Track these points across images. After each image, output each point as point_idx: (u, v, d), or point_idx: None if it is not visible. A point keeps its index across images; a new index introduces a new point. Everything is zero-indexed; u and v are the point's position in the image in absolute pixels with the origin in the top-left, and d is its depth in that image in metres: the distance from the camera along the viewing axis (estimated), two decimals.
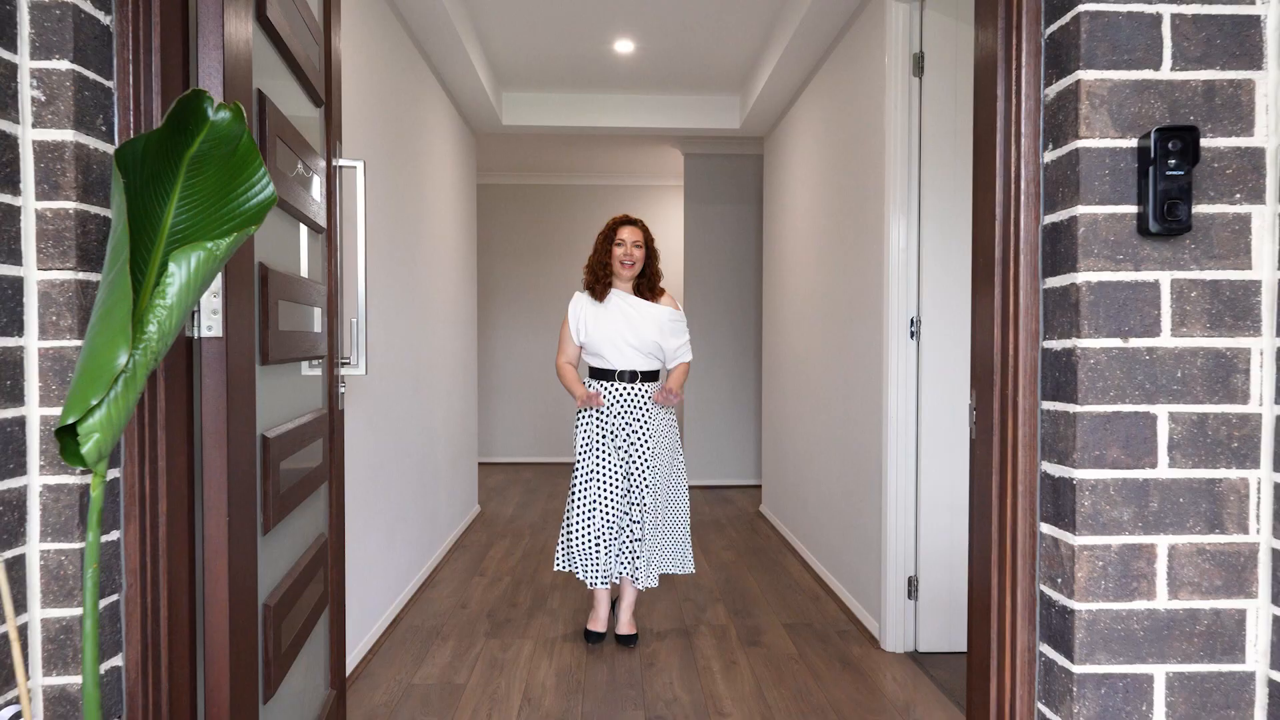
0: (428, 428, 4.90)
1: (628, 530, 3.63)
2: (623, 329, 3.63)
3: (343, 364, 2.74)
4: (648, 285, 3.73)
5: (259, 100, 1.74)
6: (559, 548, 3.71)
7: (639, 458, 3.61)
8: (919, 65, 3.45)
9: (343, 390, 2.75)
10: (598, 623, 3.74)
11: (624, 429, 3.62)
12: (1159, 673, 1.34)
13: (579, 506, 3.62)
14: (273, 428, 1.90)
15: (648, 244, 3.71)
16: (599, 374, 3.68)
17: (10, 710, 1.18)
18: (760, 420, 6.87)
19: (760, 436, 6.96)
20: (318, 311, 2.37)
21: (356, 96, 3.49)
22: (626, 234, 3.68)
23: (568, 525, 3.67)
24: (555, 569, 3.71)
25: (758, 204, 7.28)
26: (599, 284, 3.69)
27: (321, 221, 2.31)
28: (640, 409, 3.64)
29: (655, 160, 8.07)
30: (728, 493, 7.27)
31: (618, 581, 3.72)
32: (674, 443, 3.76)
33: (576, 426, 3.70)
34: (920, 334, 3.51)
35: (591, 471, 3.62)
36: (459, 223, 6.04)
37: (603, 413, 3.62)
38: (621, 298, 3.69)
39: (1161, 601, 1.34)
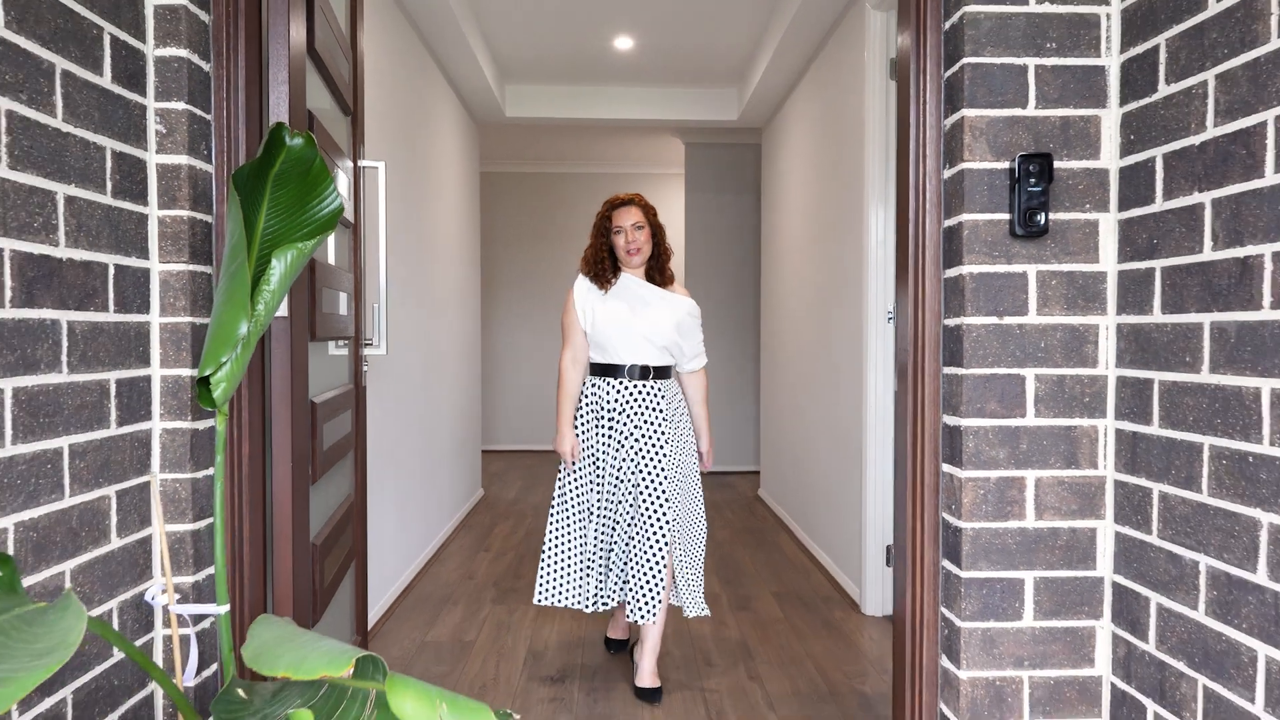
0: (435, 410, 5.38)
1: (640, 556, 3.15)
2: (633, 320, 3.24)
3: (366, 345, 3.22)
4: (659, 270, 3.36)
5: (310, 120, 2.21)
6: (540, 575, 3.30)
7: (653, 470, 3.16)
8: (895, 69, 3.91)
9: (366, 369, 3.23)
10: (618, 628, 3.55)
11: (633, 436, 3.20)
12: (1028, 577, 1.81)
13: (563, 524, 3.27)
14: (318, 395, 2.38)
15: (651, 222, 3.33)
16: (603, 370, 3.27)
17: (158, 587, 1.66)
18: (760, 407, 7.33)
19: (760, 423, 7.42)
20: (344, 296, 2.84)
21: (370, 93, 3.95)
22: (624, 217, 3.29)
23: (547, 545, 3.30)
24: (536, 601, 3.28)
25: (757, 194, 7.73)
26: (600, 278, 3.30)
27: (349, 216, 2.78)
28: (653, 410, 3.22)
29: (656, 149, 8.52)
30: (728, 478, 7.75)
31: (621, 601, 3.32)
32: (691, 455, 3.34)
33: (577, 425, 3.30)
34: (896, 321, 3.99)
35: (586, 484, 3.25)
36: (463, 212, 6.51)
37: (607, 417, 3.23)
38: (632, 284, 3.30)
39: (1030, 521, 1.81)
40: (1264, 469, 1.38)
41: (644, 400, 3.23)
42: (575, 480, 3.27)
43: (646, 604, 3.10)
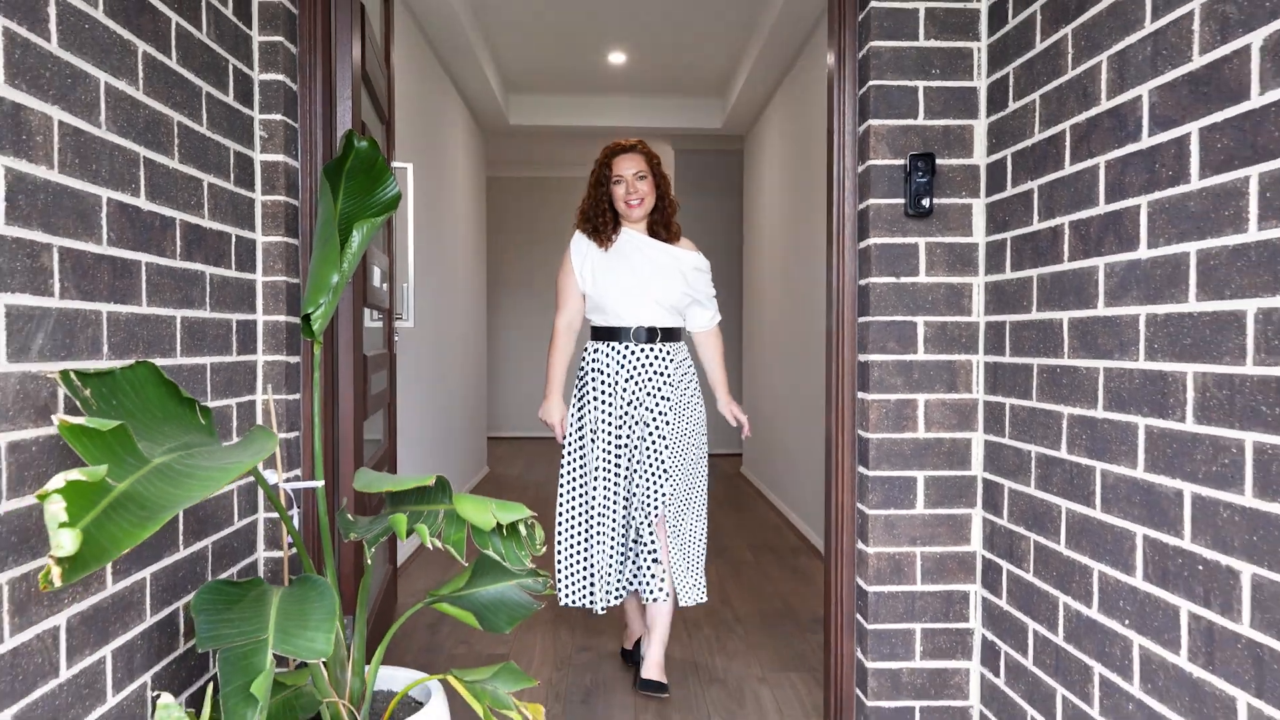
0: (447, 389, 5.94)
1: (639, 541, 2.99)
2: (636, 277, 2.99)
3: (396, 318, 3.78)
4: (663, 224, 3.09)
5: (362, 129, 2.76)
6: (560, 573, 3.02)
7: (656, 442, 2.95)
8: None
9: (397, 338, 3.78)
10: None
11: (638, 406, 2.97)
12: (920, 476, 2.36)
13: (576, 512, 3.02)
14: (366, 351, 2.93)
15: (654, 171, 3.06)
16: (605, 334, 3.03)
17: (272, 471, 2.20)
18: (743, 393, 7.89)
19: (743, 407, 7.98)
20: (378, 271, 3.39)
21: (395, 103, 4.51)
22: (625, 165, 3.01)
23: (562, 539, 3.03)
24: (563, 603, 3.02)
25: (740, 195, 8.30)
26: (599, 233, 3.04)
27: None
28: (660, 376, 2.98)
29: None
30: (713, 460, 8.30)
31: (632, 590, 3.07)
32: (699, 425, 3.08)
33: (576, 399, 3.08)
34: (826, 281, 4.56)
35: (593, 467, 2.98)
36: (472, 211, 7.08)
37: (610, 386, 2.98)
38: (634, 239, 3.05)
39: (920, 433, 2.36)
40: (1065, 376, 1.93)
41: (650, 365, 2.98)
42: (584, 465, 3.00)
43: (649, 582, 2.95)
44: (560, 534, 3.03)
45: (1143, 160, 1.65)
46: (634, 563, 3.01)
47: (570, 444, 3.06)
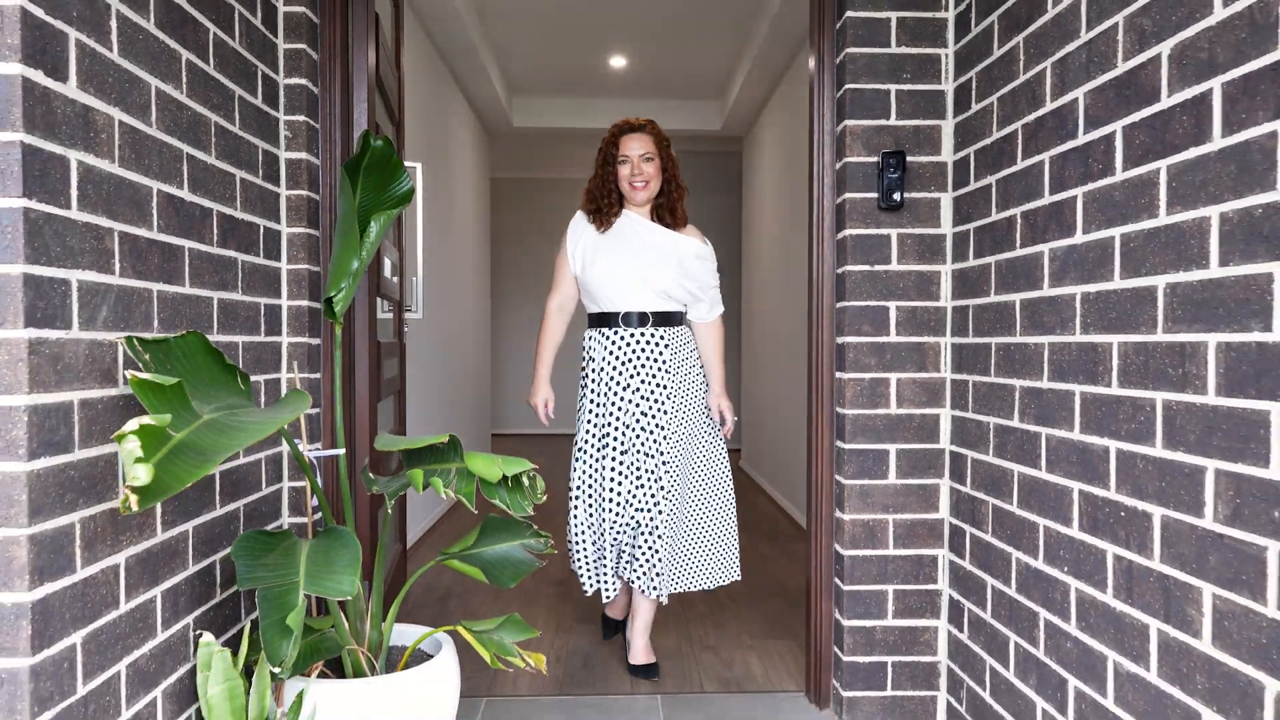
0: (453, 382, 6.15)
1: (640, 526, 2.89)
2: (631, 263, 2.94)
3: (406, 310, 3.98)
4: (669, 209, 3.02)
5: (376, 129, 2.96)
6: (572, 545, 3.04)
7: (655, 433, 2.89)
8: None
9: (406, 329, 3.99)
10: (615, 607, 3.27)
11: (634, 394, 2.92)
12: (892, 449, 2.56)
13: (581, 496, 3.01)
14: (379, 339, 3.13)
15: (663, 154, 2.99)
16: (599, 321, 3.01)
17: (307, 448, 2.40)
18: (741, 389, 8.08)
19: (741, 403, 8.16)
20: (389, 263, 3.59)
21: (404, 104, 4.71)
22: (632, 145, 2.95)
23: (574, 516, 3.02)
24: (574, 568, 3.04)
25: (739, 195, 8.50)
26: (600, 213, 2.99)
27: None
28: (655, 363, 2.92)
29: None
30: None
31: (624, 583, 3.11)
32: (701, 406, 3.04)
33: (581, 387, 3.08)
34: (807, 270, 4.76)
35: (595, 454, 2.98)
36: (475, 213, 7.29)
37: (604, 375, 2.96)
38: (634, 222, 2.99)
39: (892, 409, 2.56)
40: (1017, 352, 2.13)
41: (644, 350, 2.92)
42: (590, 453, 3.00)
43: (647, 577, 2.88)
44: (573, 515, 3.02)
45: (1079, 156, 1.85)
46: (629, 552, 2.93)
47: (578, 436, 3.04)
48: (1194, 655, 1.48)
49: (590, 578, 3.01)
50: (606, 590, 2.99)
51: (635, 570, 2.88)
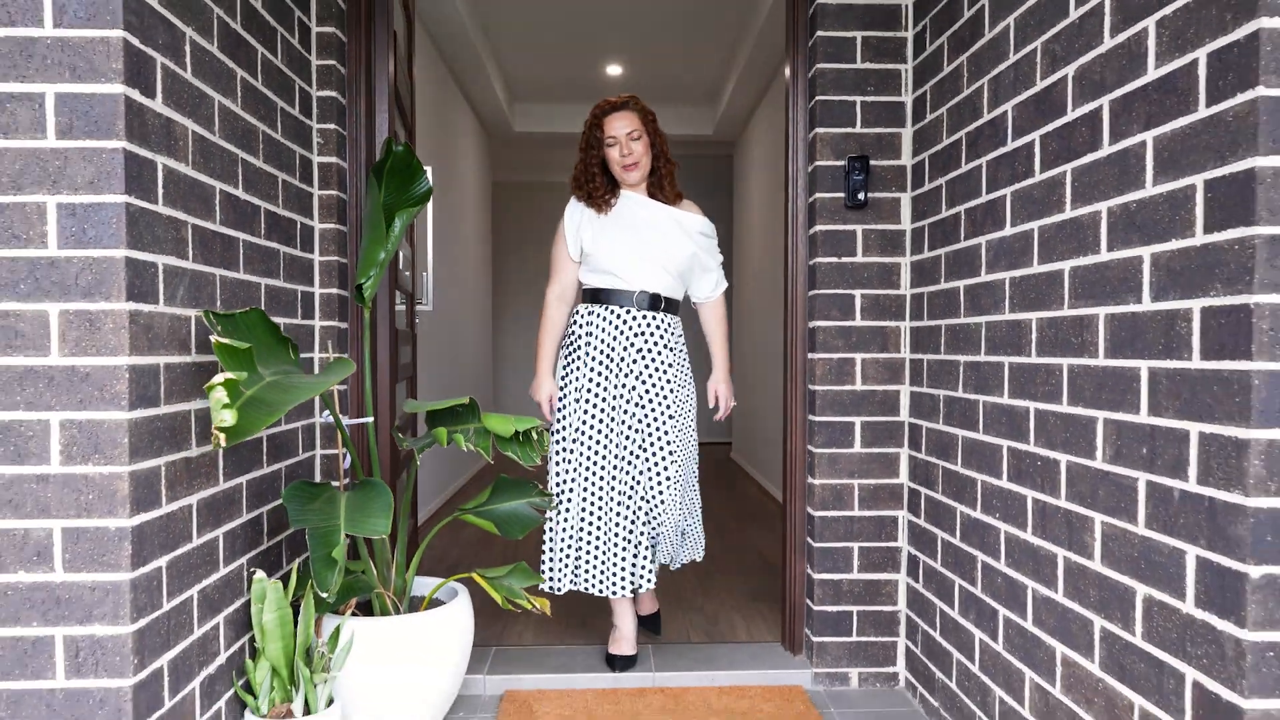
0: (458, 373, 6.45)
1: (646, 517, 2.84)
2: (640, 242, 2.82)
3: (417, 303, 4.28)
4: (659, 187, 2.92)
5: (395, 136, 3.26)
6: (546, 555, 2.88)
7: (659, 419, 2.82)
8: None
9: (417, 321, 4.28)
10: (622, 642, 2.93)
11: (637, 379, 2.82)
12: (857, 421, 2.87)
13: (579, 489, 2.82)
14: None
15: (649, 129, 2.88)
16: (603, 296, 2.85)
17: (328, 412, 2.70)
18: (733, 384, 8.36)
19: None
20: (401, 257, 3.87)
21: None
22: (616, 125, 2.84)
23: (564, 518, 2.84)
24: (547, 588, 2.86)
25: (730, 197, 8.81)
26: (594, 198, 2.89)
27: None
28: (663, 349, 2.85)
29: None
30: (703, 447, 8.81)
31: (648, 586, 2.89)
32: (693, 403, 2.98)
33: (563, 369, 2.91)
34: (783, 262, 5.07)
35: (592, 439, 2.81)
36: (478, 214, 7.59)
37: (606, 354, 2.82)
38: (634, 202, 2.88)
39: (858, 386, 2.86)
40: (962, 332, 2.43)
41: (651, 336, 2.82)
42: (578, 442, 2.83)
43: (645, 569, 2.87)
44: (556, 519, 2.86)
45: (1008, 160, 2.16)
46: (647, 551, 2.84)
47: (561, 421, 2.87)
48: (1088, 574, 1.79)
49: (609, 581, 2.81)
50: (646, 581, 2.84)
51: (639, 567, 2.86)
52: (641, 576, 2.85)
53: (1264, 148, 1.33)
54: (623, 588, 2.82)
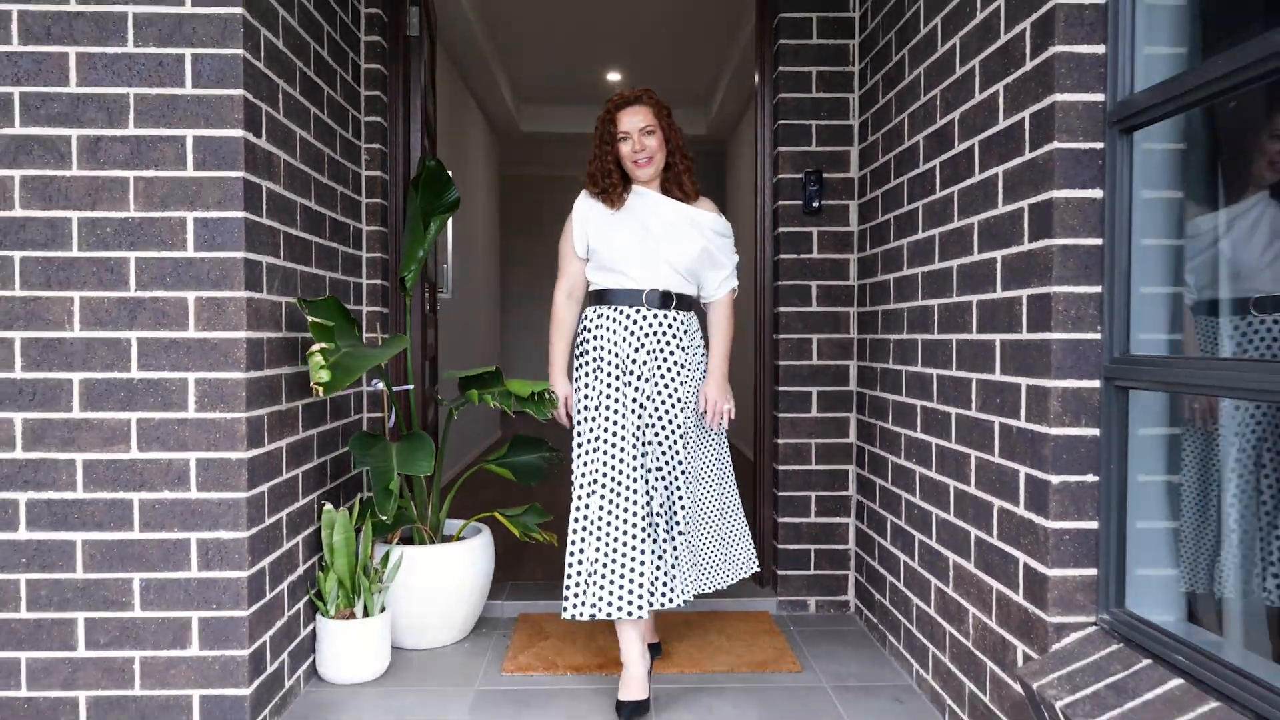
0: (469, 356, 7.04)
1: (666, 526, 2.64)
2: (650, 240, 2.69)
3: (440, 293, 4.87)
4: (676, 183, 2.79)
5: (422, 151, 3.85)
6: (572, 583, 2.59)
7: (670, 420, 2.67)
8: None
9: (439, 307, 4.86)
10: (633, 687, 2.60)
11: (649, 378, 2.67)
12: (814, 391, 3.46)
13: (600, 506, 2.58)
14: None
15: (664, 125, 2.77)
16: (611, 297, 2.72)
17: (377, 381, 3.30)
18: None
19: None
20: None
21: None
22: (630, 120, 2.72)
23: (584, 535, 2.60)
24: (568, 616, 2.58)
25: (724, 193, 9.38)
26: (607, 194, 2.74)
27: None
28: (675, 349, 2.71)
29: None
30: None
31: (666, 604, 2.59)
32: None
33: (579, 373, 2.75)
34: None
35: (611, 449, 2.61)
36: (487, 206, 8.18)
37: (617, 357, 2.67)
38: (647, 199, 2.75)
39: (814, 361, 3.46)
40: (892, 316, 3.02)
41: (663, 335, 2.69)
42: (601, 453, 2.61)
43: (670, 585, 2.61)
44: (582, 538, 2.60)
45: (920, 180, 2.74)
46: (667, 564, 2.63)
47: (580, 432, 2.69)
48: (967, 497, 2.38)
49: (632, 599, 2.55)
50: (644, 608, 2.54)
51: (662, 582, 2.60)
52: (663, 594, 2.57)
53: (1058, 184, 1.92)
54: (639, 607, 2.53)
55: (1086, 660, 1.85)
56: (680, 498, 2.65)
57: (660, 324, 2.70)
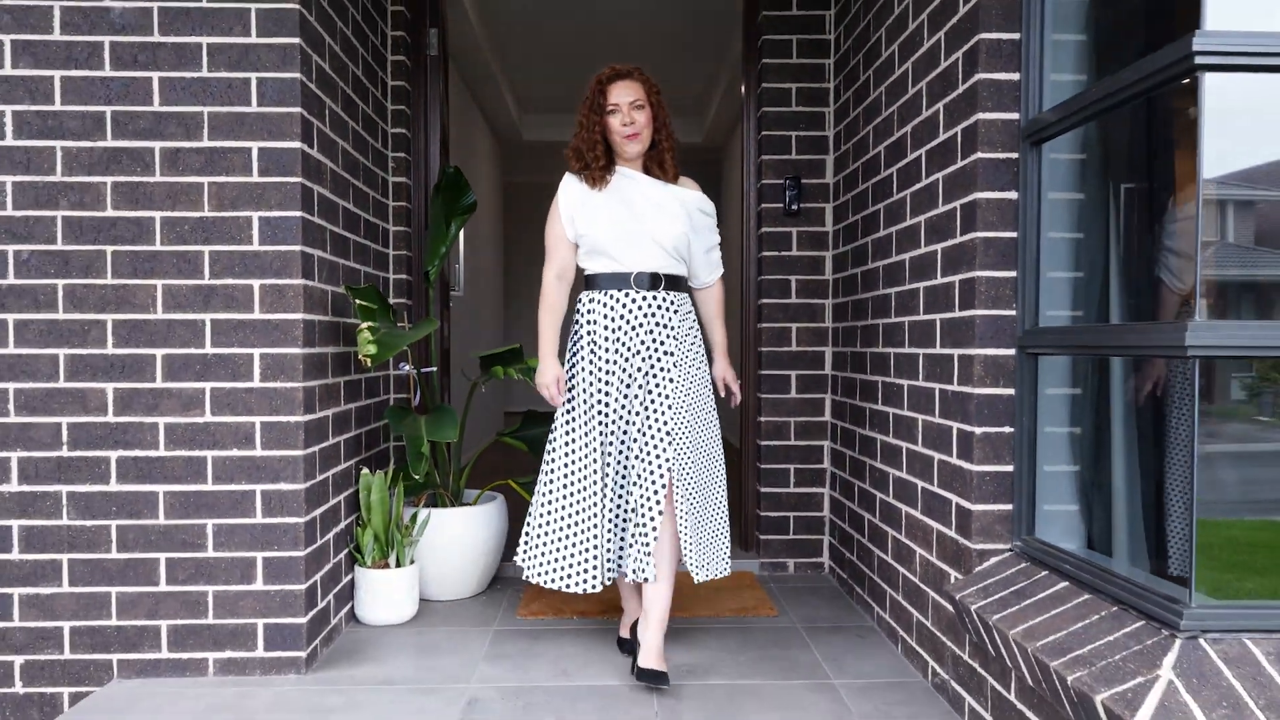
0: (474, 347, 7.48)
1: (634, 512, 2.61)
2: (636, 220, 2.74)
3: (453, 290, 5.28)
4: (658, 162, 2.84)
5: (439, 158, 4.28)
6: (526, 542, 2.81)
7: (659, 402, 2.67)
8: None
9: (451, 305, 5.27)
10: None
11: (639, 361, 2.72)
12: (793, 374, 3.88)
13: (564, 484, 2.73)
14: None
15: (653, 101, 2.82)
16: (601, 282, 2.77)
17: (405, 364, 3.72)
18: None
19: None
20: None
21: None
22: (620, 93, 2.77)
23: (547, 504, 2.76)
24: (525, 577, 2.79)
25: (719, 199, 9.81)
26: (591, 170, 2.78)
27: None
28: (663, 329, 2.74)
29: None
30: None
31: (626, 576, 2.63)
32: (705, 384, 2.85)
33: (570, 358, 2.84)
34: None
35: (585, 432, 2.73)
36: (492, 210, 8.61)
37: (606, 340, 2.73)
38: (631, 178, 2.81)
39: (794, 348, 3.88)
40: (859, 304, 3.44)
41: (653, 315, 2.73)
42: (578, 430, 2.74)
43: (639, 560, 2.56)
44: (543, 505, 2.78)
45: (882, 185, 3.17)
46: (620, 537, 2.71)
47: (564, 409, 2.81)
48: (916, 454, 2.80)
49: (553, 573, 2.73)
50: (609, 576, 2.71)
51: (630, 555, 2.58)
52: (632, 565, 2.57)
53: (981, 187, 2.35)
54: (597, 579, 2.68)
55: (1000, 576, 2.27)
56: (659, 467, 2.60)
57: (649, 305, 2.75)
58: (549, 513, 2.77)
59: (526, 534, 2.83)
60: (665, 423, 2.65)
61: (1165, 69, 1.74)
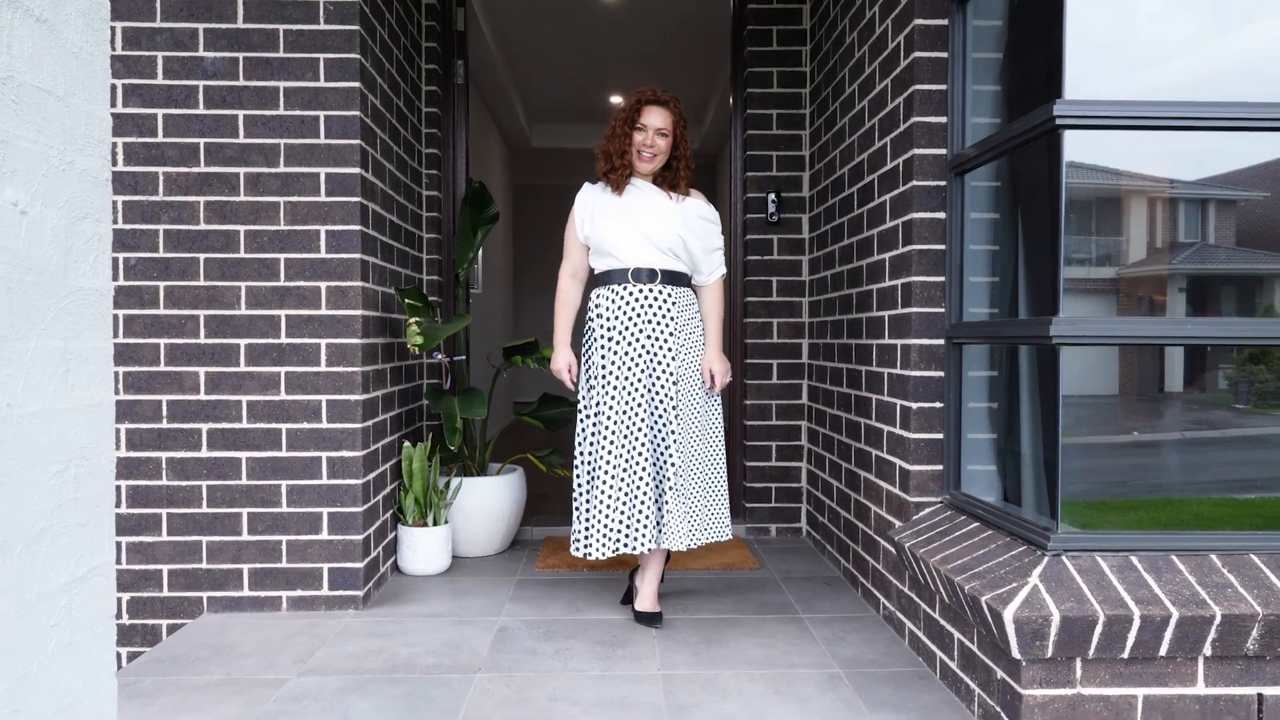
0: (486, 344, 8.02)
1: (660, 477, 3.03)
2: (637, 222, 3.05)
3: (472, 289, 5.84)
4: (669, 184, 3.15)
5: (468, 176, 4.83)
6: (583, 526, 3.06)
7: (660, 384, 3.01)
8: None
9: (470, 301, 5.82)
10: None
11: (642, 348, 3.01)
12: (774, 363, 4.43)
13: (608, 459, 2.98)
14: None
15: (677, 133, 3.13)
16: (607, 278, 3.10)
17: (440, 354, 4.27)
18: None
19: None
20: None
21: None
22: (652, 116, 3.09)
23: (592, 485, 3.04)
24: (582, 554, 3.05)
25: (715, 204, 10.35)
26: (615, 173, 3.11)
27: None
28: (663, 318, 3.02)
29: None
30: None
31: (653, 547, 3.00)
32: (699, 369, 3.16)
33: (584, 352, 3.16)
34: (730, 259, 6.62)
35: (615, 411, 2.99)
36: (503, 212, 9.14)
37: (612, 330, 3.03)
38: (638, 187, 3.13)
39: (775, 340, 4.43)
40: (830, 303, 3.98)
41: (651, 306, 3.01)
42: (602, 412, 3.02)
43: (664, 527, 3.01)
44: (590, 484, 3.07)
45: (845, 201, 3.71)
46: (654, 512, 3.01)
47: (583, 401, 3.13)
48: (871, 428, 3.35)
49: (644, 537, 2.97)
50: (648, 543, 2.97)
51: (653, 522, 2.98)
52: (641, 538, 2.96)
53: (916, 209, 2.89)
54: (653, 542, 2.99)
55: (931, 522, 2.82)
56: (671, 457, 3.00)
57: (647, 297, 3.04)
58: (597, 488, 2.99)
59: (581, 516, 3.07)
60: (666, 409, 3.04)
61: (1037, 126, 2.29)
